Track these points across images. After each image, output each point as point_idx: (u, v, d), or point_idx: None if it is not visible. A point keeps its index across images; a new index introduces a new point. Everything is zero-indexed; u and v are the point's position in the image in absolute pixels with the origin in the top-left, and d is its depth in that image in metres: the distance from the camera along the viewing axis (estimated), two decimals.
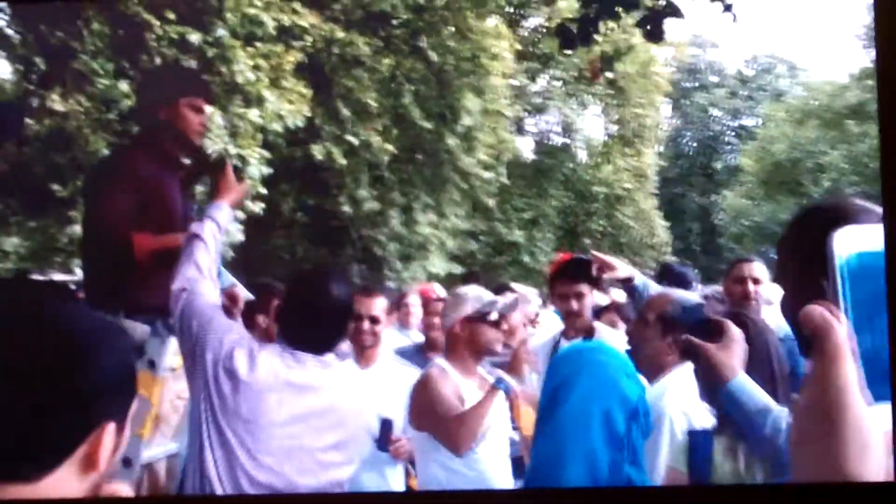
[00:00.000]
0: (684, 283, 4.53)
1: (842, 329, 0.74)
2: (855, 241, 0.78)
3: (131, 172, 2.76)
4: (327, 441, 2.17)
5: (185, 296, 2.24)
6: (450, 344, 2.82)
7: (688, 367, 2.16)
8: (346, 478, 2.24)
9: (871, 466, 0.71)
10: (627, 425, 1.82)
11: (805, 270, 0.91)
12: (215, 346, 2.13)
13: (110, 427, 1.09)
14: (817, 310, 0.75)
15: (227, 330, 2.18)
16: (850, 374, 0.72)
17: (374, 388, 3.32)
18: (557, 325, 3.69)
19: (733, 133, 23.58)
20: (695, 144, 23.65)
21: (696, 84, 23.67)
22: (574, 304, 3.24)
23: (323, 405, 2.16)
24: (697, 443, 2.04)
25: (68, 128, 6.97)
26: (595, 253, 3.15)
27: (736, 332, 1.83)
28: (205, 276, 2.29)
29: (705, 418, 2.10)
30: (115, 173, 2.82)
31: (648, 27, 4.16)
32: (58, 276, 9.19)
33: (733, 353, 1.81)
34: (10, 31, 6.98)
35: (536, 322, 4.79)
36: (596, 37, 4.43)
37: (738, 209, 20.00)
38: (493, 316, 2.76)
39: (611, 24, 4.37)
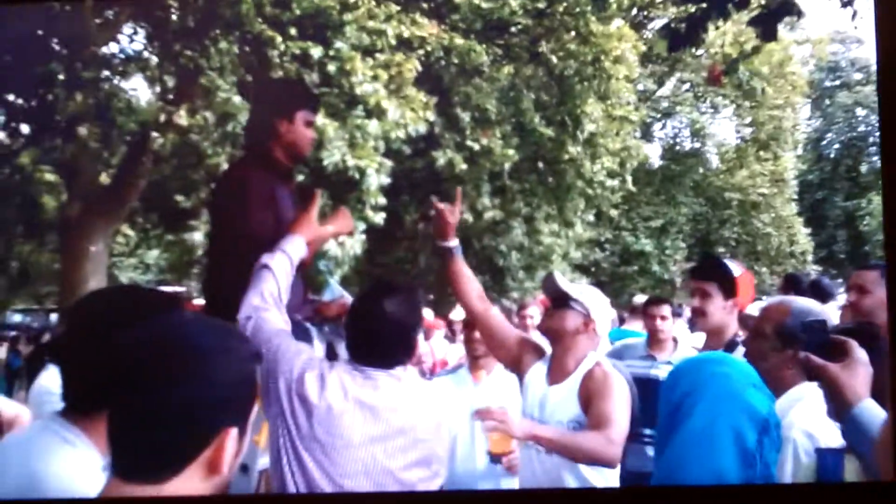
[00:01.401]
0: (815, 295, 4.21)
1: None
2: None
3: (257, 187, 2.80)
4: (408, 459, 2.10)
5: (251, 324, 2.24)
6: None
7: (812, 383, 1.97)
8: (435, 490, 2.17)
9: None
10: (759, 440, 1.71)
11: None
12: (286, 373, 2.11)
13: (233, 432, 1.11)
14: None
15: (296, 354, 2.16)
16: None
17: (485, 398, 3.25)
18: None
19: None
20: (838, 146, 22.41)
21: (839, 82, 22.44)
22: (696, 302, 3.09)
23: (400, 424, 2.09)
24: (826, 463, 1.88)
25: (198, 144, 7.27)
26: None
27: (860, 353, 1.65)
28: (271, 305, 2.28)
29: (834, 437, 1.90)
30: (243, 188, 2.86)
31: (762, 26, 3.91)
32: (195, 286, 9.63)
33: (858, 376, 1.63)
34: (146, 54, 7.36)
35: None
36: (720, 40, 4.24)
37: None
38: None
39: (723, 23, 4.13)
